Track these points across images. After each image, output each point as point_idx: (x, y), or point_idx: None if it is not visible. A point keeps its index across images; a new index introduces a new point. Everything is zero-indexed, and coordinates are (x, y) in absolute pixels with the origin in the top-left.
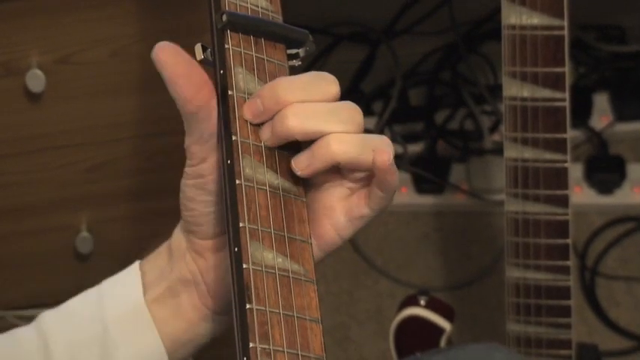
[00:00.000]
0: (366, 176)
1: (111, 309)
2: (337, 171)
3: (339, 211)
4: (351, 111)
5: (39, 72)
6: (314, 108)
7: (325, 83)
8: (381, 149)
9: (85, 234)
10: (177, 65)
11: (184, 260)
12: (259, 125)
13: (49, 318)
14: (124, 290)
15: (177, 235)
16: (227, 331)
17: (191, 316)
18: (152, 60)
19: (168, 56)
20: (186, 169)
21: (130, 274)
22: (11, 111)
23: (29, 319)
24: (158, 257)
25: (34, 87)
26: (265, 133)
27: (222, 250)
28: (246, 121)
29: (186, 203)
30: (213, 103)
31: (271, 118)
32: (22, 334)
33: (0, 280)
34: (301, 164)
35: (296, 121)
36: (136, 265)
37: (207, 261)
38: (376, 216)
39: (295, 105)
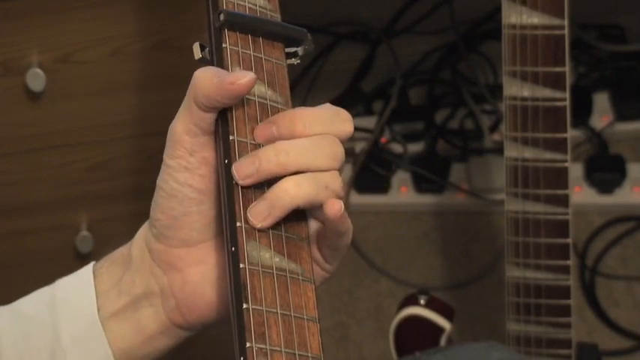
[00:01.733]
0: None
1: (64, 318)
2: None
3: (315, 248)
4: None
5: (39, 71)
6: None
7: (341, 121)
8: (332, 200)
9: (85, 233)
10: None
11: (151, 273)
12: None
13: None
14: (77, 299)
15: (139, 245)
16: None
17: (152, 330)
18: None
19: (245, 88)
20: (170, 162)
21: (84, 282)
22: (12, 110)
23: None
24: (113, 265)
25: (35, 86)
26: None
27: (203, 262)
28: (244, 120)
29: (162, 203)
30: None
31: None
32: None
33: (0, 279)
34: (259, 216)
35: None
36: (90, 270)
37: (184, 275)
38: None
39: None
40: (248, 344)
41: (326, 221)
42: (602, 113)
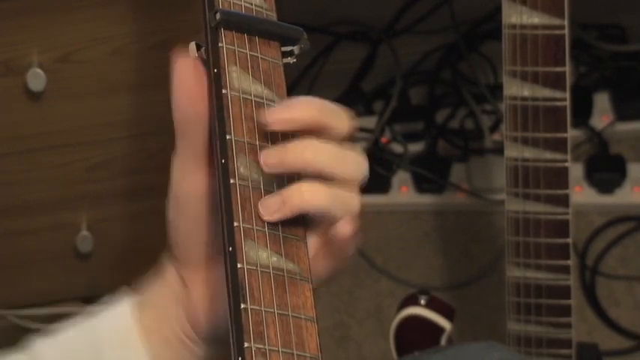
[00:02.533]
0: (327, 227)
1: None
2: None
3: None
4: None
5: (39, 71)
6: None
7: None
8: (345, 222)
9: (85, 233)
10: (185, 80)
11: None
12: (254, 125)
13: (41, 343)
14: (120, 339)
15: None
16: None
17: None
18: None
19: (182, 69)
20: (170, 187)
21: (126, 326)
22: (12, 110)
23: (29, 319)
24: (160, 299)
25: (35, 86)
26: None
27: (209, 285)
28: (241, 120)
29: (167, 224)
30: (200, 125)
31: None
32: (13, 357)
33: (0, 279)
34: (269, 209)
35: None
36: (129, 312)
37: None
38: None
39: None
40: (246, 344)
41: (334, 237)
42: (602, 113)
